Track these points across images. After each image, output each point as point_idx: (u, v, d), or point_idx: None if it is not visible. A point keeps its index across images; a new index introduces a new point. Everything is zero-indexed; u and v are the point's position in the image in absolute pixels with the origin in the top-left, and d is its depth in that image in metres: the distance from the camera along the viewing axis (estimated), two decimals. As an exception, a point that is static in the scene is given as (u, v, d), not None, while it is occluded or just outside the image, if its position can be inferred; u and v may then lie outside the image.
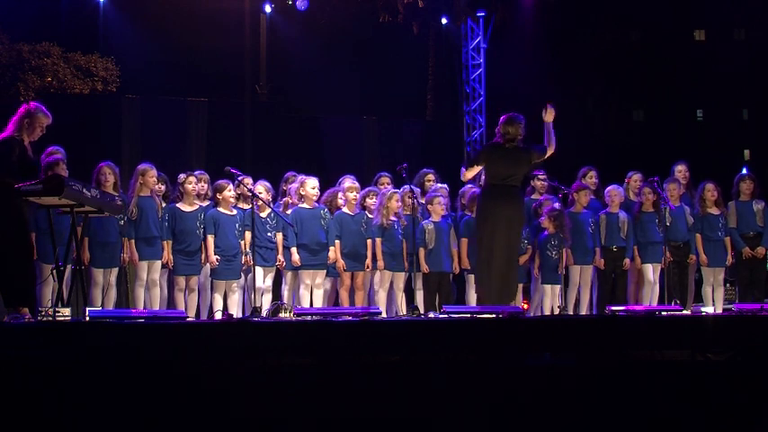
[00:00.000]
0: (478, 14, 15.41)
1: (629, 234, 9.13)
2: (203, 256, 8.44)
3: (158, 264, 8.32)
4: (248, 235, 8.43)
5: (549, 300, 8.88)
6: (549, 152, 7.98)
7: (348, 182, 9.00)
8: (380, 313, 7.53)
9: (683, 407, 5.76)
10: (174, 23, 16.84)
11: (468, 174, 8.17)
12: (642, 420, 5.69)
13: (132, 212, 8.16)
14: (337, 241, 8.67)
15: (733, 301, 9.38)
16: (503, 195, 7.86)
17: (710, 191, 9.21)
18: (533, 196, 9.42)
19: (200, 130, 13.69)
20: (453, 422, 5.46)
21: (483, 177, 8.09)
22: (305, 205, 8.67)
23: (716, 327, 6.47)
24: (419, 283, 8.76)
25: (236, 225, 8.49)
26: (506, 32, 16.95)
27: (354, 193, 8.82)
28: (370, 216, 8.79)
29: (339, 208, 8.82)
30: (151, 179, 8.28)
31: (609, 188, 9.30)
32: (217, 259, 8.38)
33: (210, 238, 8.40)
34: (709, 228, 9.18)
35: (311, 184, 8.69)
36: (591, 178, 9.48)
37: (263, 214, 8.56)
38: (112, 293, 8.15)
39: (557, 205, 8.97)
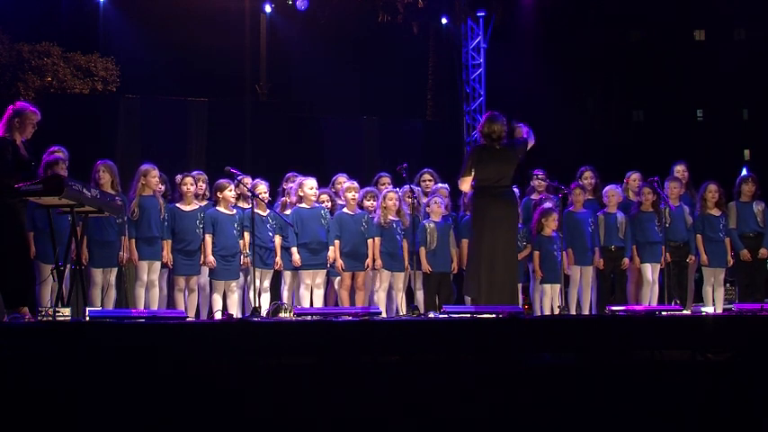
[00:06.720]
0: (478, 14, 15.38)
1: (627, 234, 9.13)
2: (203, 256, 8.44)
3: (158, 264, 8.32)
4: (247, 235, 8.43)
5: (549, 300, 8.89)
6: (530, 144, 8.04)
7: (347, 182, 9.01)
8: (380, 313, 7.54)
9: (683, 407, 5.75)
10: (174, 23, 16.80)
11: (465, 183, 8.05)
12: (642, 420, 5.69)
13: (134, 212, 8.17)
14: (337, 241, 8.67)
15: (733, 301, 9.38)
16: (496, 196, 7.85)
17: (713, 192, 9.21)
18: (532, 196, 9.41)
19: (200, 130, 13.66)
20: (453, 422, 5.46)
21: (474, 180, 8.05)
22: (304, 205, 8.68)
23: (716, 327, 6.47)
24: (419, 283, 8.77)
25: (235, 224, 8.49)
26: (506, 32, 16.92)
27: (353, 193, 8.84)
28: (370, 216, 8.80)
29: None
30: (153, 179, 8.30)
31: (607, 188, 9.31)
32: (212, 261, 8.38)
33: (209, 238, 8.40)
34: (711, 228, 9.18)
35: (309, 185, 8.71)
36: (588, 178, 9.49)
37: (263, 214, 8.56)
38: (112, 293, 8.15)
39: (548, 204, 8.96)
